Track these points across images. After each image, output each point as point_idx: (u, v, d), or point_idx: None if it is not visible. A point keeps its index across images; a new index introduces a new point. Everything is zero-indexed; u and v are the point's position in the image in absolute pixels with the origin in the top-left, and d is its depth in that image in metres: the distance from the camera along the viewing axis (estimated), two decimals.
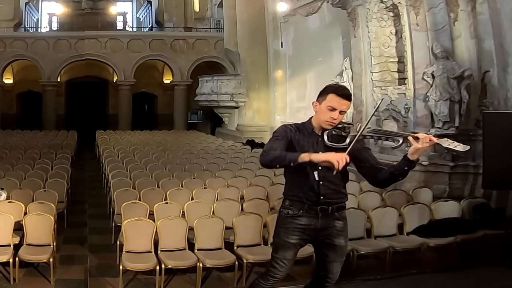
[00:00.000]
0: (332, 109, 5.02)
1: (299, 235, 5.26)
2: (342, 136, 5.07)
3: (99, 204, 12.97)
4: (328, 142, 5.06)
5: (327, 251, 5.32)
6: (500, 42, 11.94)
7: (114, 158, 16.04)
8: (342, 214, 5.31)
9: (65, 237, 10.10)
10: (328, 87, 5.18)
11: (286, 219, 5.28)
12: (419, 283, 7.87)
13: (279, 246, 5.37)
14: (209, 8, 33.74)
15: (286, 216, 5.28)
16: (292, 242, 5.28)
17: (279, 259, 5.34)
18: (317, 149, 5.07)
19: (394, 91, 14.35)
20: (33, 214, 8.36)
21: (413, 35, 13.30)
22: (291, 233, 5.26)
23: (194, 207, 9.14)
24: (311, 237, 5.30)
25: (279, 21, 24.15)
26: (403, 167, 4.90)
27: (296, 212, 5.21)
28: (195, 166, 14.61)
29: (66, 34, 30.02)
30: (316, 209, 5.13)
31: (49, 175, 12.72)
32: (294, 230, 5.24)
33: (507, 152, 8.78)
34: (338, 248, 5.30)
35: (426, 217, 9.32)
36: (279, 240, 5.37)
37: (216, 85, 26.69)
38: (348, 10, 16.13)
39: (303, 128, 5.27)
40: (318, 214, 5.16)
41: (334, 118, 5.04)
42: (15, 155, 16.58)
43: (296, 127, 5.28)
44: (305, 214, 5.17)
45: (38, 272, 8.01)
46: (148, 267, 7.46)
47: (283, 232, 5.30)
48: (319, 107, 5.14)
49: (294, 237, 5.26)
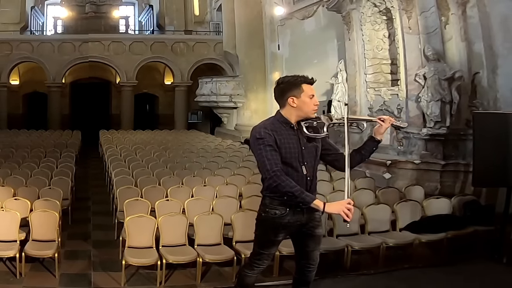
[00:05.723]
0: (312, 97, 5.05)
1: (286, 232, 5.26)
2: (318, 125, 5.12)
3: (103, 201, 13.00)
4: (310, 133, 5.05)
5: (308, 242, 5.32)
6: (489, 45, 11.94)
7: (117, 157, 16.03)
8: None
9: (70, 233, 10.09)
10: (296, 80, 5.11)
11: (274, 220, 5.14)
12: (412, 277, 7.86)
13: (266, 244, 5.36)
14: (209, 12, 33.77)
15: (274, 217, 5.14)
16: (278, 239, 5.30)
17: (266, 254, 5.36)
18: (302, 143, 5.06)
19: (387, 92, 14.35)
20: (39, 210, 8.36)
21: (405, 38, 13.30)
22: (279, 232, 5.22)
23: (194, 204, 9.14)
24: (294, 231, 5.29)
25: (276, 24, 24.14)
26: (372, 147, 5.30)
27: (283, 212, 5.10)
28: (195, 165, 14.62)
29: (70, 37, 30.01)
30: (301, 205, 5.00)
31: (54, 173, 12.74)
32: (282, 229, 5.20)
33: (496, 151, 8.77)
34: (317, 237, 5.33)
35: (418, 214, 9.33)
36: (267, 239, 5.33)
37: (215, 86, 26.72)
38: (342, 14, 16.10)
39: (279, 126, 5.08)
40: (303, 210, 5.08)
41: (316, 104, 5.09)
42: (21, 154, 16.58)
43: (273, 126, 5.09)
44: (291, 212, 5.09)
45: (44, 266, 8.01)
46: (149, 262, 7.47)
47: (271, 232, 5.24)
48: (299, 101, 5.03)
49: (281, 234, 5.25)
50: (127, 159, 15.37)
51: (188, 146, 19.93)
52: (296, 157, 5.01)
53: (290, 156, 5.01)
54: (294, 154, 5.02)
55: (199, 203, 9.22)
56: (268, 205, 5.19)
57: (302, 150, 5.05)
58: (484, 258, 8.65)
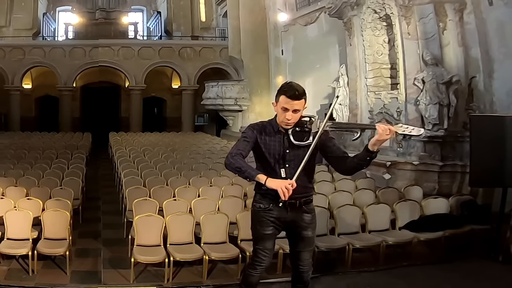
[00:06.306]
0: (285, 110, 4.93)
1: (273, 226, 5.29)
2: (305, 132, 5.03)
3: (112, 201, 13.01)
4: (294, 140, 5.01)
5: (296, 242, 5.36)
6: (485, 50, 11.97)
7: (126, 158, 16.06)
8: (309, 207, 5.32)
9: (80, 232, 10.12)
10: (281, 88, 5.03)
11: (259, 213, 5.29)
12: (410, 274, 7.88)
13: (258, 239, 5.41)
14: (215, 18, 33.73)
15: (259, 210, 5.29)
16: (268, 233, 5.32)
17: (261, 250, 5.38)
18: (285, 147, 5.05)
19: (387, 96, 14.37)
20: (51, 210, 8.40)
21: (404, 43, 13.32)
22: (266, 225, 5.29)
23: (200, 204, 9.17)
24: (283, 227, 5.33)
25: (280, 30, 24.14)
26: (365, 157, 4.87)
27: (267, 206, 5.22)
28: (201, 166, 14.63)
29: (81, 42, 30.00)
30: (285, 203, 5.00)
31: (66, 174, 12.76)
32: (268, 222, 5.27)
33: (492, 153, 8.80)
34: (306, 239, 5.32)
35: (416, 213, 9.35)
36: (257, 233, 5.40)
37: (221, 90, 26.72)
38: (344, 20, 16.14)
39: (269, 126, 5.19)
40: (287, 208, 5.14)
41: (288, 119, 4.95)
42: (33, 155, 16.62)
43: (263, 126, 5.22)
44: (275, 208, 5.14)
45: (55, 264, 8.07)
46: (157, 260, 7.50)
47: (258, 226, 5.33)
48: (276, 108, 5.08)
49: (269, 228, 5.29)
50: (136, 160, 15.40)
51: (194, 148, 19.94)
52: (276, 159, 5.06)
53: (269, 156, 5.11)
54: (274, 156, 5.10)
55: (206, 203, 9.24)
56: (255, 200, 5.35)
57: (284, 153, 5.06)
58: (481, 256, 8.67)
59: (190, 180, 11.78)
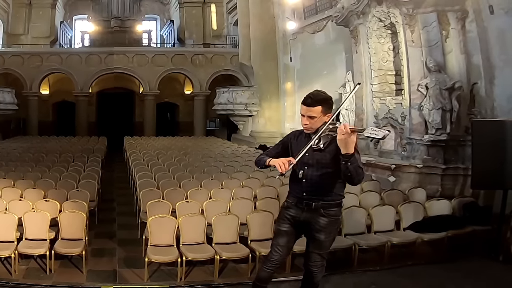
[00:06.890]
0: (302, 116, 5.15)
1: (289, 223, 5.41)
2: (328, 138, 5.05)
3: (127, 203, 13.03)
4: (313, 144, 5.04)
5: (309, 242, 5.47)
6: (487, 57, 11.96)
7: (140, 161, 16.08)
8: (328, 212, 5.28)
9: (96, 232, 10.18)
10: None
11: (282, 210, 5.53)
12: (414, 273, 7.88)
13: (275, 233, 5.61)
14: (226, 26, 33.83)
15: (283, 207, 5.53)
16: (283, 230, 5.43)
17: (274, 245, 5.50)
18: (308, 151, 5.03)
19: (392, 101, 14.40)
20: (67, 211, 8.46)
21: (409, 50, 13.35)
22: (283, 222, 5.45)
23: (212, 205, 9.19)
24: (298, 226, 5.42)
25: (288, 38, 24.20)
26: (341, 162, 4.83)
27: (290, 202, 5.40)
28: (213, 169, 14.62)
29: (97, 49, 30.17)
30: (302, 203, 5.26)
31: (82, 177, 12.79)
32: (285, 219, 5.42)
33: (493, 156, 8.80)
34: (317, 242, 5.38)
35: (420, 214, 9.36)
36: (276, 228, 5.62)
37: (232, 96, 26.80)
38: (350, 28, 16.20)
39: (301, 133, 5.39)
40: (303, 208, 5.29)
41: (305, 124, 5.17)
42: (51, 159, 16.69)
43: (300, 132, 5.42)
44: (294, 206, 5.34)
45: (72, 263, 8.11)
46: (170, 259, 7.54)
47: (278, 221, 5.56)
48: None
49: (285, 225, 5.42)
50: (149, 163, 15.42)
51: (206, 151, 19.93)
52: (299, 161, 5.08)
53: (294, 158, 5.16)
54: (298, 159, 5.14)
55: (217, 204, 9.27)
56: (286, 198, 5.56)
57: (305, 157, 5.08)
58: (482, 256, 8.67)
59: (202, 183, 11.77)
